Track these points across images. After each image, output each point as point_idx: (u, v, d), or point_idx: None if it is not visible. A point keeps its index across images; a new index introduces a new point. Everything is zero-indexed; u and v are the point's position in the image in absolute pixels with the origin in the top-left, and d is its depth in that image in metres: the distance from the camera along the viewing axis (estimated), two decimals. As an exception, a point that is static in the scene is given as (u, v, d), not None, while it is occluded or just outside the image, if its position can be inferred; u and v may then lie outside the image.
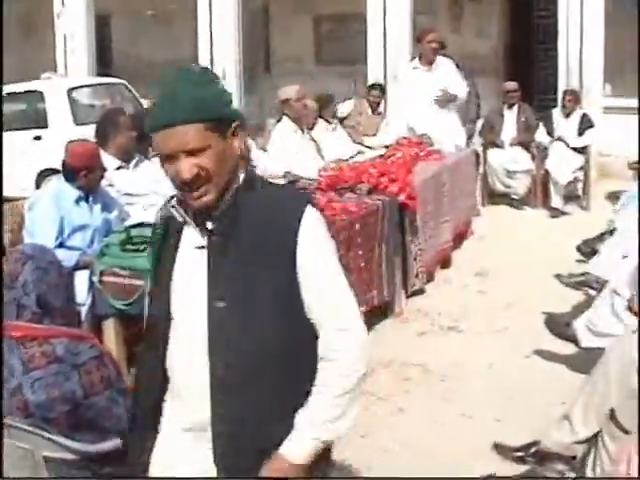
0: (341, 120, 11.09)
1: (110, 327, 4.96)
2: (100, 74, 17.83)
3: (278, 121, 8.90)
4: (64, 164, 5.84)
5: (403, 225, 7.33)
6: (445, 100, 9.88)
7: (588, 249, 8.04)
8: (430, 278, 8.10)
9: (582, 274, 7.76)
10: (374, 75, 14.66)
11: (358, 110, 11.68)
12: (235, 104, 8.98)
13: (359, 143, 10.38)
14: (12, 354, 3.05)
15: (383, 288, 6.83)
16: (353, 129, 11.20)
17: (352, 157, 8.96)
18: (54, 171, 11.08)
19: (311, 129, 9.04)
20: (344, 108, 11.50)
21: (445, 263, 8.69)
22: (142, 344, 2.88)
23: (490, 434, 5.02)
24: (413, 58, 11.12)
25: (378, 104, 12.00)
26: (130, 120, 6.83)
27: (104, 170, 5.91)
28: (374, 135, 11.27)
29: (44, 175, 11.96)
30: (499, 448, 4.86)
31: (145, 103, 13.84)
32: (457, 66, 10.44)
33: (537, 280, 8.07)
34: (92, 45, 18.26)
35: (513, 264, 8.59)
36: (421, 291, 7.78)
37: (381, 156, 8.79)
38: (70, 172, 5.78)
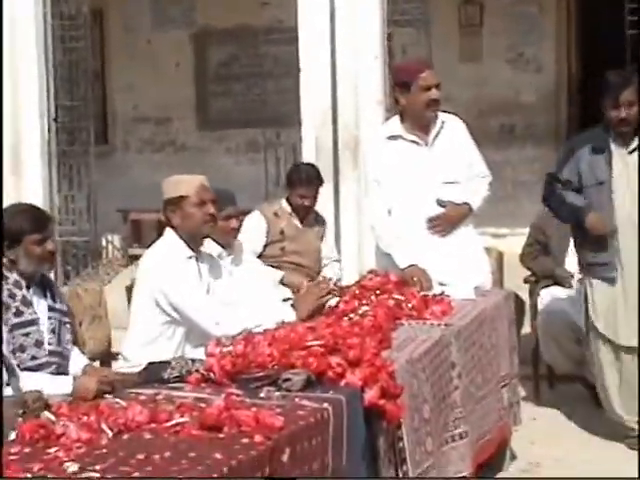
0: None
1: None
2: None
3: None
4: None
5: (375, 448, 7.34)
6: (449, 225, 10.09)
7: None
8: None
9: None
10: (311, 145, 14.84)
11: (276, 225, 11.75)
12: (42, 204, 9.10)
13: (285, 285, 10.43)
14: None
15: None
16: (270, 259, 11.30)
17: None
18: None
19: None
20: (253, 233, 11.53)
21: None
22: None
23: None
24: (390, 116, 11.28)
25: (310, 206, 12.04)
26: None
27: None
28: (315, 265, 11.39)
29: None
30: None
31: None
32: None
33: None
34: None
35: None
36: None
37: (332, 310, 8.87)
38: None
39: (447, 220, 10.10)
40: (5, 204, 8.93)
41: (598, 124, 9.62)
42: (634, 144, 9.07)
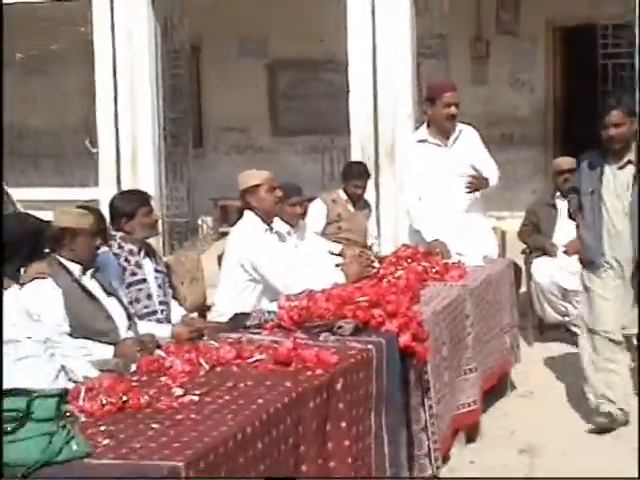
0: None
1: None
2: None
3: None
4: None
5: (407, 379, 7.33)
6: (476, 187, 10.08)
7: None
8: (447, 457, 8.09)
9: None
10: (359, 149, 14.81)
11: (334, 210, 11.74)
12: (153, 192, 9.10)
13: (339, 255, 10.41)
14: None
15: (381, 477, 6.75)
16: (330, 236, 11.30)
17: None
18: None
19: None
20: (315, 216, 11.51)
21: (471, 433, 8.73)
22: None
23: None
24: (420, 125, 11.25)
25: (361, 194, 12.04)
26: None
27: None
28: (363, 242, 11.40)
29: None
30: None
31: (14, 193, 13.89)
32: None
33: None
34: None
35: (573, 434, 8.63)
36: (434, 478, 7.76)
37: (373, 275, 8.87)
38: None
39: (475, 181, 10.22)
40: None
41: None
42: (624, 161, 8.64)
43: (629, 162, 8.62)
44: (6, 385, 5.48)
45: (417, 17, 15.44)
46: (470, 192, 10.18)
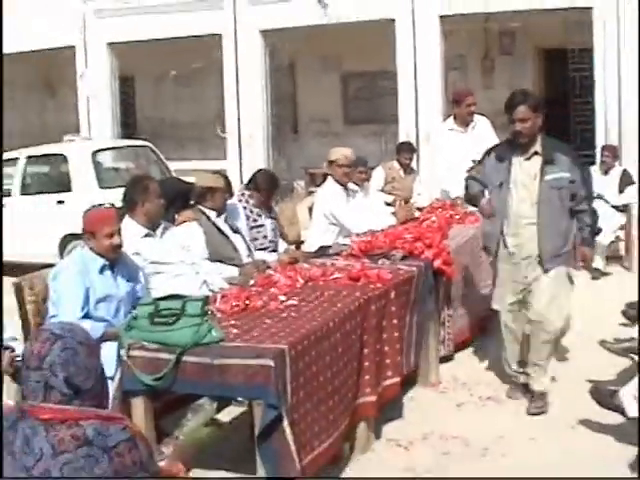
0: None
1: (139, 405, 4.94)
2: (123, 136, 18.02)
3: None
4: (83, 230, 5.88)
5: (437, 291, 7.32)
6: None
7: (633, 312, 7.88)
8: (461, 346, 8.08)
9: (627, 339, 7.66)
10: (405, 134, 14.73)
11: (390, 175, 11.76)
12: (263, 165, 9.24)
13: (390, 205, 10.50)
14: (40, 437, 3.01)
15: (414, 357, 6.76)
16: (386, 192, 11.40)
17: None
18: (77, 236, 11.19)
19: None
20: (377, 179, 11.60)
21: (484, 330, 8.66)
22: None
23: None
24: (447, 117, 11.21)
25: (409, 164, 12.05)
26: (159, 187, 6.87)
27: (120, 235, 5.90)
28: (409, 197, 11.40)
29: (67, 240, 11.98)
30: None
31: (170, 165, 13.98)
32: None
33: (580, 346, 7.94)
34: (115, 106, 18.43)
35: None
36: (449, 358, 7.75)
37: (415, 219, 8.86)
38: (89, 239, 5.82)
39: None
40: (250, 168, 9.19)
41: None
42: (530, 153, 6.79)
43: (535, 153, 6.82)
44: (166, 293, 5.55)
45: (445, 42, 15.35)
46: None
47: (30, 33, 18.05)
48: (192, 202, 7.70)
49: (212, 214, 7.43)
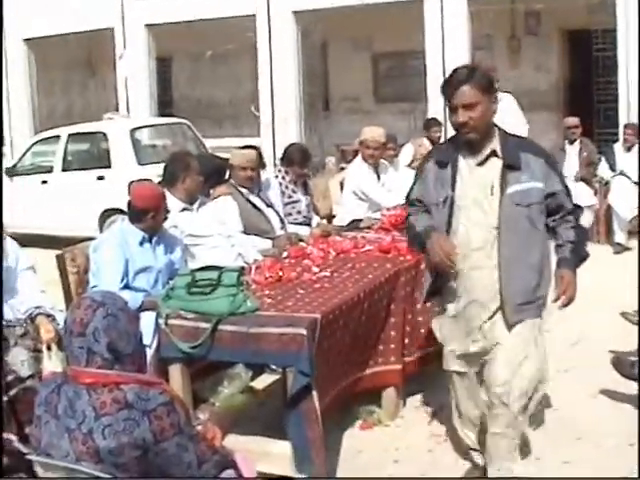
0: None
1: (177, 372, 4.96)
2: (161, 114, 18.07)
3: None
4: (130, 206, 5.88)
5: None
6: None
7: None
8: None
9: (649, 311, 7.56)
10: (433, 112, 14.64)
11: (419, 151, 11.71)
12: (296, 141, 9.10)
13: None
14: (82, 400, 3.07)
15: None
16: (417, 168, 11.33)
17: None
18: (117, 211, 11.25)
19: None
20: (406, 155, 11.57)
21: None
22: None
23: (558, 476, 4.93)
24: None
25: (439, 137, 12.01)
26: (198, 164, 6.90)
27: (168, 212, 5.97)
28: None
29: (107, 215, 12.06)
30: None
31: (207, 142, 14.00)
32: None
33: (602, 318, 7.91)
34: (153, 86, 18.48)
35: (577, 302, 8.42)
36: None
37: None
38: (136, 214, 5.82)
39: None
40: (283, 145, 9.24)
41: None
42: (484, 154, 4.47)
43: (493, 155, 4.47)
44: (203, 264, 5.56)
45: (472, 22, 15.25)
46: None
47: (71, 15, 18.14)
48: (226, 177, 7.73)
49: (244, 190, 7.43)
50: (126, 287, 5.68)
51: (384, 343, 5.72)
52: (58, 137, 13.39)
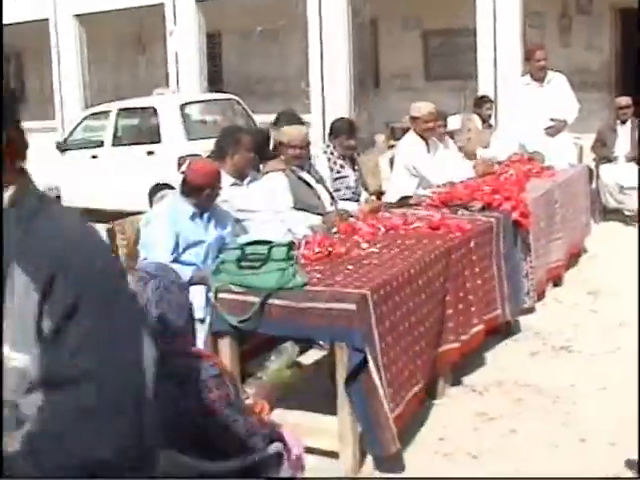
0: (451, 135, 11.10)
1: (226, 345, 4.97)
2: (210, 90, 18.10)
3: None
4: (186, 181, 5.89)
5: (516, 243, 7.22)
6: (556, 131, 10.03)
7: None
8: (541, 297, 7.96)
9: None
10: (484, 90, 14.54)
11: (467, 125, 11.61)
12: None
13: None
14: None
15: (502, 307, 6.70)
16: (463, 144, 11.23)
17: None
18: (166, 186, 11.29)
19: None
20: (453, 122, 11.50)
21: (557, 281, 8.51)
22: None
23: (604, 459, 4.87)
24: (525, 74, 11.09)
25: (490, 114, 11.92)
26: (250, 140, 6.89)
27: (220, 188, 5.97)
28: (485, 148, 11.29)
29: (157, 189, 12.10)
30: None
31: (256, 118, 13.99)
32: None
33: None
34: (203, 62, 18.52)
35: (626, 282, 8.33)
36: (531, 310, 7.62)
37: (493, 173, 8.74)
38: (192, 189, 5.84)
39: (556, 127, 10.16)
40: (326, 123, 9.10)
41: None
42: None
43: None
44: (253, 239, 5.55)
45: (523, 0, 15.14)
46: (552, 136, 10.12)
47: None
48: (275, 153, 7.71)
49: (294, 167, 7.41)
50: (176, 261, 5.70)
51: (445, 322, 5.69)
52: (108, 112, 13.45)
